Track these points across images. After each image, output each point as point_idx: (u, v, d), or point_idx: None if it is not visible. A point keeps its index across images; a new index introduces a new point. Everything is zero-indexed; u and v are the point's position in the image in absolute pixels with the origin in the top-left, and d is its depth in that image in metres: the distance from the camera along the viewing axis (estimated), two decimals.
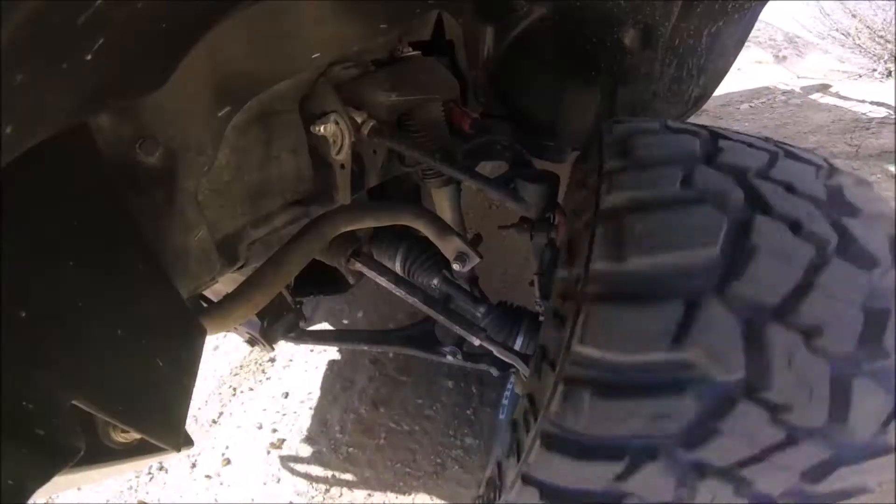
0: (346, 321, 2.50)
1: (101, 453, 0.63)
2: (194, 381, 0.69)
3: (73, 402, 0.49)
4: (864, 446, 0.68)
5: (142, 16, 0.42)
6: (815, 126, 3.98)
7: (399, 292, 1.25)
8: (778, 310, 0.66)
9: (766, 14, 1.83)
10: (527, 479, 0.79)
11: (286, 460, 1.91)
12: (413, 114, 1.13)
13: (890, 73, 4.82)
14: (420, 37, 1.14)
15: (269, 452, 1.95)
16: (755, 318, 0.66)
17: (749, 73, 5.27)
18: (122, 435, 0.64)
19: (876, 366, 0.66)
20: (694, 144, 0.81)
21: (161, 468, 1.95)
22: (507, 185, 1.15)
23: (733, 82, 4.83)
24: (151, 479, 1.93)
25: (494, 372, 1.50)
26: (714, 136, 0.85)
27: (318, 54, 0.83)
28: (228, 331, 1.28)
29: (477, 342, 1.20)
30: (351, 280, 1.53)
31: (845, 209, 0.74)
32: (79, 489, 1.79)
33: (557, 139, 1.52)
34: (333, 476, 1.84)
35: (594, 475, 0.73)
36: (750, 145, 0.84)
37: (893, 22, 4.90)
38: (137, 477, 1.93)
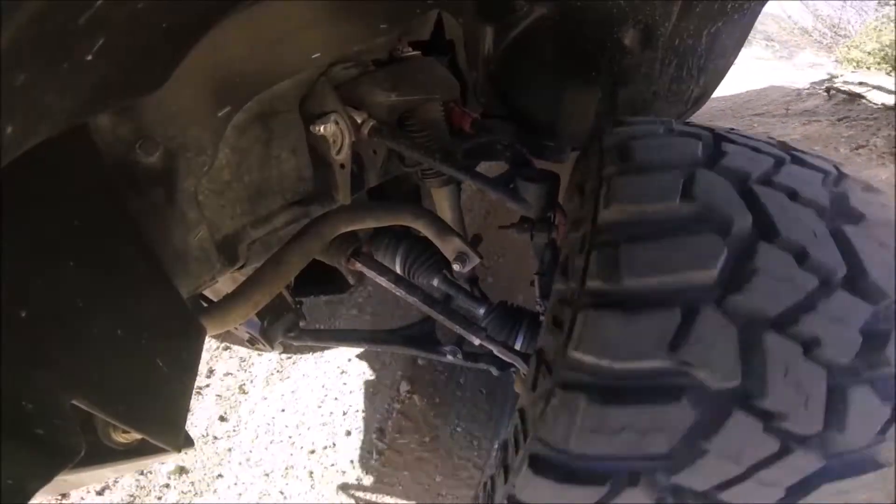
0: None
1: (101, 454, 0.63)
2: (194, 381, 0.69)
3: (73, 402, 0.49)
4: (857, 459, 0.67)
5: (142, 16, 0.42)
6: None
7: (399, 292, 1.25)
8: (777, 320, 0.65)
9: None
10: (512, 502, 0.79)
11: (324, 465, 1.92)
12: (413, 114, 1.13)
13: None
14: (420, 37, 1.14)
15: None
16: (752, 326, 0.65)
17: (757, 70, 5.26)
18: (122, 435, 0.64)
19: (874, 374, 0.65)
20: (696, 148, 0.80)
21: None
22: (507, 184, 1.15)
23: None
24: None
25: (494, 371, 1.50)
26: (718, 139, 0.84)
27: (318, 54, 0.83)
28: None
29: (477, 342, 1.20)
30: (351, 280, 1.53)
31: (850, 218, 0.73)
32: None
33: (557, 139, 1.52)
34: (373, 480, 1.84)
35: (577, 499, 0.71)
36: (756, 150, 0.82)
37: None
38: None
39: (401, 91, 1.06)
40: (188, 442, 0.67)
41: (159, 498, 1.87)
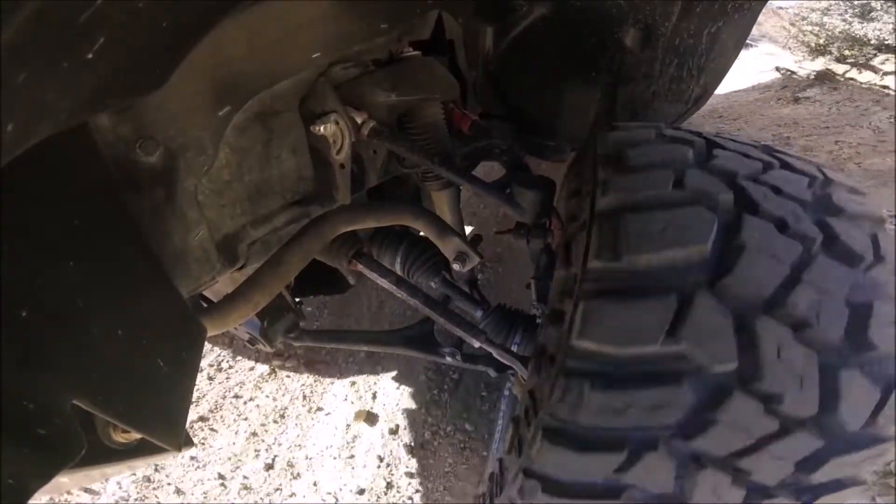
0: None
1: (101, 453, 0.63)
2: (195, 380, 0.69)
3: (74, 401, 0.49)
4: (856, 437, 0.69)
5: (142, 15, 0.42)
6: None
7: (400, 294, 1.24)
8: (767, 303, 0.69)
9: None
10: (528, 473, 0.80)
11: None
12: (413, 115, 1.13)
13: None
14: (420, 37, 1.14)
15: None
16: (745, 311, 0.68)
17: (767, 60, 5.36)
18: (123, 435, 0.64)
19: (863, 357, 0.68)
20: (687, 153, 0.84)
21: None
22: (503, 189, 1.16)
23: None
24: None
25: (492, 373, 1.51)
26: (710, 145, 0.87)
27: (318, 54, 0.83)
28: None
29: (477, 344, 1.20)
30: (351, 280, 1.52)
31: (830, 210, 0.78)
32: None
33: (557, 139, 1.52)
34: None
35: (595, 467, 0.74)
36: (745, 155, 0.86)
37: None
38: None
39: (401, 91, 1.06)
40: (188, 442, 0.67)
41: None
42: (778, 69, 5.03)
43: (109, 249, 0.58)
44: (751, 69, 5.02)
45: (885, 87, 4.21)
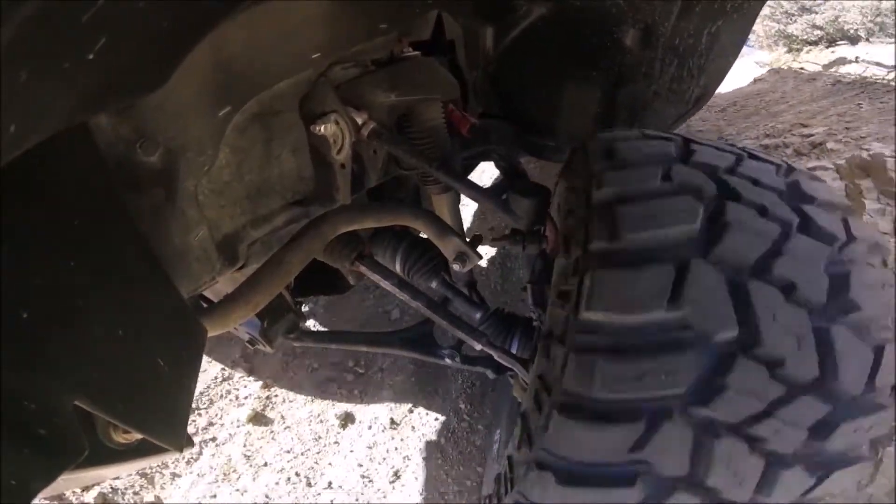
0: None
1: (101, 454, 0.63)
2: (195, 380, 0.69)
3: (75, 402, 0.49)
4: (859, 402, 0.73)
5: (143, 16, 0.42)
6: None
7: (403, 296, 1.24)
8: (755, 267, 0.74)
9: None
10: (541, 465, 0.80)
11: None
12: (413, 116, 1.13)
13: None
14: (420, 37, 1.14)
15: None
16: (736, 276, 0.74)
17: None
18: (123, 435, 0.64)
19: (849, 319, 0.73)
20: (670, 148, 0.91)
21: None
22: (499, 195, 1.18)
23: None
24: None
25: (490, 374, 1.52)
26: (686, 141, 0.95)
27: (318, 54, 0.83)
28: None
29: (479, 347, 1.20)
30: (351, 281, 1.52)
31: (805, 198, 0.85)
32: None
33: (557, 139, 1.52)
34: None
35: (612, 443, 0.74)
36: (718, 149, 0.94)
37: None
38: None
39: (401, 91, 1.06)
40: (189, 442, 0.67)
41: None
42: None
43: (109, 249, 0.58)
44: None
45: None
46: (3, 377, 0.43)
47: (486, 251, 2.73)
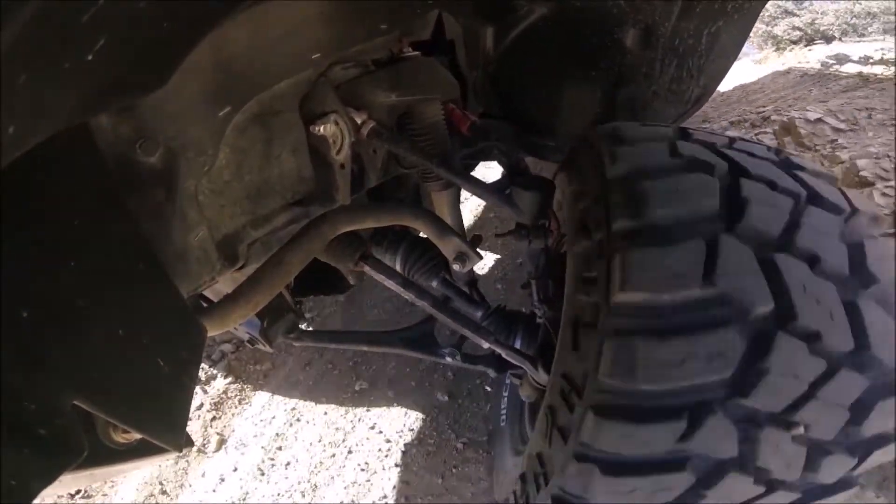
0: None
1: (101, 454, 0.63)
2: (195, 381, 0.69)
3: (75, 402, 0.49)
4: (893, 378, 0.72)
5: (143, 16, 0.42)
6: None
7: (407, 295, 1.24)
8: (778, 243, 0.75)
9: None
10: (582, 457, 0.79)
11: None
12: (413, 116, 1.13)
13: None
14: (420, 37, 1.13)
15: None
16: (764, 249, 0.73)
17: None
18: (123, 435, 0.64)
19: (870, 290, 0.74)
20: (669, 130, 0.94)
21: None
22: (502, 191, 1.17)
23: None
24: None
25: (492, 373, 1.51)
26: (680, 127, 0.98)
27: (318, 54, 0.83)
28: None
29: (486, 345, 1.20)
30: (352, 281, 1.52)
31: (800, 169, 0.88)
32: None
33: (557, 139, 1.52)
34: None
35: (655, 439, 0.73)
36: (710, 132, 0.97)
37: None
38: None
39: (401, 91, 1.06)
40: (189, 442, 0.67)
41: None
42: None
43: (109, 249, 0.58)
44: None
45: None
46: (3, 377, 0.43)
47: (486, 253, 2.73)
